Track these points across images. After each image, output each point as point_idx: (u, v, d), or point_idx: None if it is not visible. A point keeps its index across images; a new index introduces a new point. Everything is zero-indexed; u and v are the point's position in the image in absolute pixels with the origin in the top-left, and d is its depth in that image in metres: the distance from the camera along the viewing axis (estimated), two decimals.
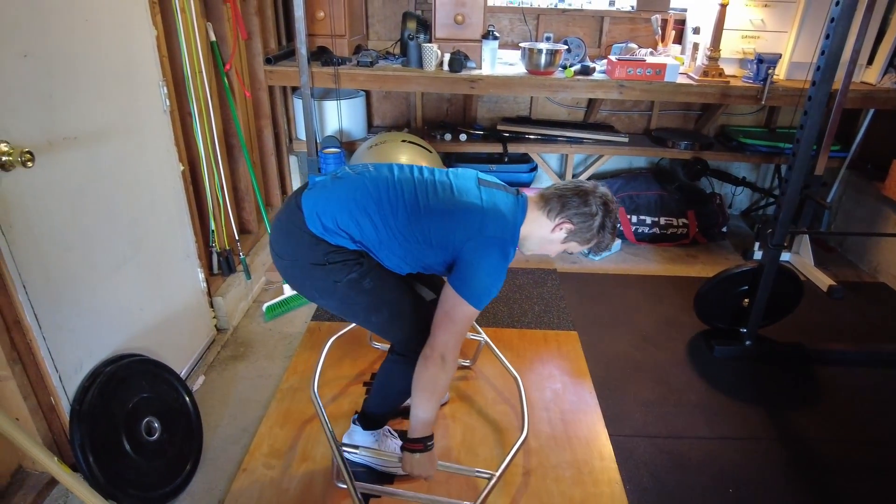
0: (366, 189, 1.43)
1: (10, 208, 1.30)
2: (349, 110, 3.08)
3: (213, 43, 2.30)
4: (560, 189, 1.49)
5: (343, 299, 1.47)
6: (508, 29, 3.30)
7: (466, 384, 2.12)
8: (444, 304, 1.41)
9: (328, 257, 1.41)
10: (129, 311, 1.75)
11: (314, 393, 1.83)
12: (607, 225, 1.48)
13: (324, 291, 1.47)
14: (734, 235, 3.44)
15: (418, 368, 1.43)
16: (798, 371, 2.28)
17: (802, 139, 1.95)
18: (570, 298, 2.72)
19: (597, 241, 1.51)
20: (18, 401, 1.41)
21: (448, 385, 1.47)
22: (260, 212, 2.72)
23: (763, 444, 1.92)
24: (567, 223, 1.47)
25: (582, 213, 1.46)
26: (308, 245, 1.41)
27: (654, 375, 2.23)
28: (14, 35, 1.29)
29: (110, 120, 1.63)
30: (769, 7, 2.81)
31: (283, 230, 1.47)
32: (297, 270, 1.47)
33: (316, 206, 1.42)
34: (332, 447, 1.62)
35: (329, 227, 1.40)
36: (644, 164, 3.64)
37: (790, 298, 2.35)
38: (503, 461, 1.63)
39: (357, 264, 1.43)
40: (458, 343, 1.43)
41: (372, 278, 1.45)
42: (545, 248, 1.54)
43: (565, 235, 1.49)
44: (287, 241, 1.45)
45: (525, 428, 1.78)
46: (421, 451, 1.49)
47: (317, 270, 1.42)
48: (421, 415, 1.47)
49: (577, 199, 1.46)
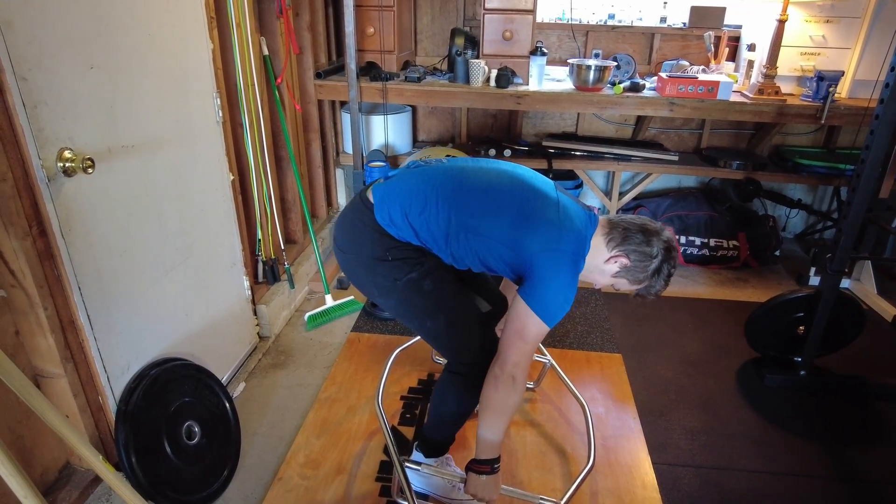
0: (438, 179, 1.39)
1: (70, 213, 1.36)
2: (395, 125, 3.11)
3: (266, 57, 2.37)
4: (626, 221, 1.43)
5: (401, 299, 1.44)
6: (557, 45, 3.28)
7: (530, 406, 2.08)
8: (516, 321, 1.34)
9: (390, 252, 1.39)
10: (176, 315, 1.79)
11: (378, 404, 1.78)
12: (663, 271, 1.40)
13: (383, 289, 1.45)
14: (788, 259, 3.29)
15: (488, 388, 1.38)
16: (858, 406, 2.14)
17: (868, 160, 1.85)
18: (615, 319, 2.64)
19: (647, 284, 1.43)
20: (69, 399, 1.46)
21: (518, 406, 1.41)
22: (305, 223, 2.77)
23: (819, 482, 1.81)
24: (623, 258, 1.40)
25: (642, 252, 1.38)
26: (371, 239, 1.40)
27: (701, 402, 2.14)
28: (84, 49, 1.35)
29: (165, 129, 1.68)
30: (831, 23, 2.71)
31: (348, 223, 1.46)
32: (359, 265, 1.45)
33: (386, 197, 1.40)
34: (395, 462, 1.58)
35: (396, 219, 1.38)
36: (694, 184, 3.54)
37: (850, 328, 2.23)
38: (564, 488, 1.58)
39: (418, 263, 1.41)
40: (528, 363, 1.38)
41: (432, 280, 1.42)
42: (593, 276, 1.46)
43: (618, 269, 1.41)
44: (351, 235, 1.45)
45: (592, 457, 1.71)
46: (487, 473, 1.44)
47: (378, 266, 1.41)
48: (489, 436, 1.42)
49: (640, 235, 1.39)
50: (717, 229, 3.11)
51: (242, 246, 2.18)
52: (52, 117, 1.28)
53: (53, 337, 1.38)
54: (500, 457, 1.46)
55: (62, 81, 1.30)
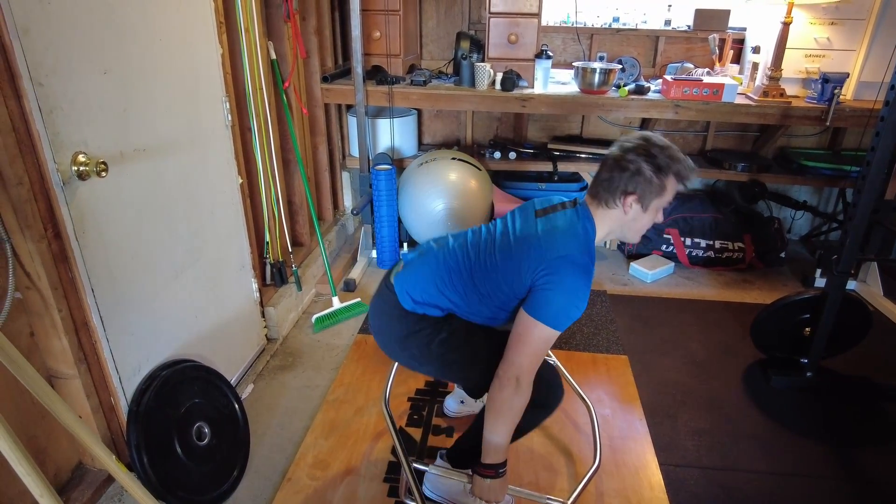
0: (445, 261, 1.50)
1: (84, 216, 1.38)
2: (401, 128, 3.13)
3: (274, 61, 2.39)
4: (597, 177, 1.44)
5: (439, 360, 1.51)
6: (562, 48, 3.30)
7: None
8: (517, 326, 1.39)
9: (418, 325, 1.49)
10: (186, 317, 1.81)
11: (385, 406, 1.79)
12: (661, 163, 1.35)
13: (420, 358, 1.52)
14: (793, 261, 3.29)
15: (492, 391, 1.40)
16: (864, 407, 2.14)
17: (873, 162, 1.86)
18: (621, 321, 2.65)
19: (667, 182, 1.37)
20: (82, 399, 1.48)
21: (522, 410, 1.41)
22: (312, 225, 2.79)
23: (827, 483, 1.81)
24: (628, 197, 1.38)
25: (631, 181, 1.37)
26: (399, 319, 1.51)
27: (708, 404, 2.14)
28: (98, 54, 1.37)
29: (176, 133, 1.70)
30: (836, 25, 2.71)
31: (378, 309, 1.58)
32: (395, 343, 1.54)
33: (405, 285, 1.51)
34: (403, 462, 1.60)
35: (419, 300, 1.49)
36: (699, 186, 3.54)
37: (857, 329, 2.23)
38: (571, 488, 1.60)
39: (446, 324, 1.50)
40: (532, 365, 1.38)
41: (461, 335, 1.50)
42: (635, 229, 1.45)
43: (639, 206, 1.40)
44: (382, 319, 1.56)
45: (598, 457, 1.72)
46: (492, 476, 1.45)
47: (410, 340, 1.50)
48: (494, 439, 1.42)
49: (614, 172, 1.38)
50: (723, 231, 3.11)
51: (251, 248, 2.20)
52: (66, 122, 1.30)
53: (67, 338, 1.39)
54: (507, 461, 1.46)
55: (77, 87, 1.32)
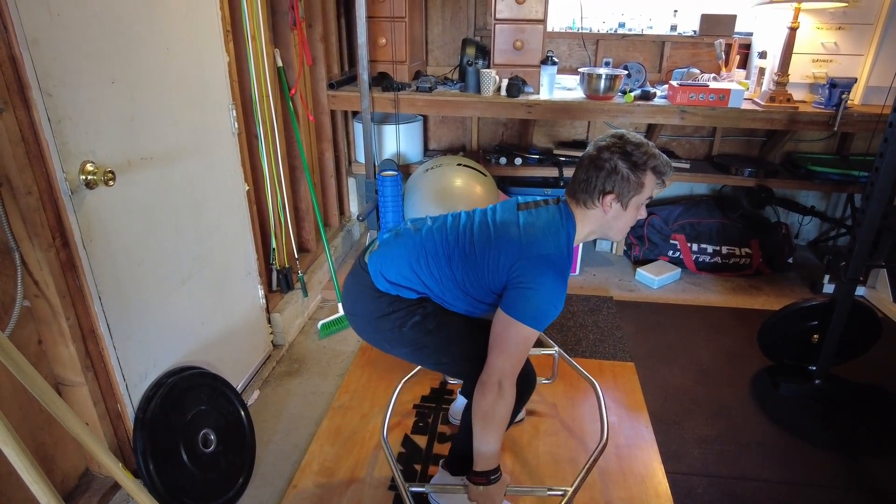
0: (421, 243, 1.48)
1: (92, 224, 1.39)
2: (407, 134, 3.13)
3: (280, 68, 2.40)
4: (574, 177, 1.43)
5: (412, 344, 1.49)
6: (567, 54, 3.30)
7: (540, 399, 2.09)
8: (495, 326, 1.37)
9: (392, 306, 1.47)
10: (192, 324, 1.81)
11: (384, 440, 1.76)
12: (637, 160, 1.36)
13: (393, 340, 1.51)
14: (801, 267, 3.27)
15: (476, 397, 1.38)
16: (874, 415, 2.12)
17: (882, 167, 1.85)
18: (627, 328, 2.64)
19: (645, 178, 1.38)
20: (89, 406, 1.48)
21: (508, 415, 1.39)
22: (318, 231, 2.79)
23: (834, 492, 1.79)
24: (606, 196, 1.38)
25: (608, 179, 1.37)
26: (373, 299, 1.49)
27: (715, 411, 2.13)
28: (105, 64, 1.39)
29: (183, 141, 1.71)
30: (843, 30, 2.70)
31: (351, 290, 1.56)
32: (368, 325, 1.53)
33: (380, 265, 1.49)
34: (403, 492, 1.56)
35: (393, 281, 1.47)
36: (705, 191, 3.53)
37: (866, 336, 2.21)
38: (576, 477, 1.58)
39: (420, 306, 1.47)
40: (515, 368, 1.37)
41: (435, 319, 1.47)
42: (617, 228, 1.44)
43: (619, 205, 1.40)
44: (356, 299, 1.54)
45: (605, 434, 1.71)
46: (485, 484, 1.43)
47: (383, 321, 1.48)
48: (482, 448, 1.40)
49: (591, 172, 1.38)
50: (730, 237, 3.10)
51: (257, 255, 2.21)
52: (75, 131, 1.31)
53: (75, 346, 1.40)
54: (499, 467, 1.44)
55: (85, 96, 1.33)
